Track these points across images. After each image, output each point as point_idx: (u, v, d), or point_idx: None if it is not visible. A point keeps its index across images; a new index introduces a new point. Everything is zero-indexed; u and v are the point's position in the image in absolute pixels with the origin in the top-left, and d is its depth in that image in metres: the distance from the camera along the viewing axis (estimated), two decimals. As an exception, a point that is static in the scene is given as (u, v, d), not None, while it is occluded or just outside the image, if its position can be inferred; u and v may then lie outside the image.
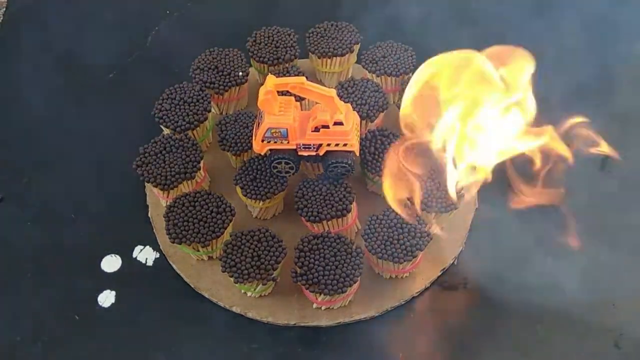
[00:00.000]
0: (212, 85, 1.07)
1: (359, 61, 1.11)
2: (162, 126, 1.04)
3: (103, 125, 1.15)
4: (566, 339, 0.91)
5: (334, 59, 1.11)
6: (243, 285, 0.91)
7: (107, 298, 0.96)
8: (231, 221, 0.95)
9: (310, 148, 0.95)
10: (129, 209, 1.04)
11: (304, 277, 0.88)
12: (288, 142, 0.94)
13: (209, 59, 1.10)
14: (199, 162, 0.99)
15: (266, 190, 0.97)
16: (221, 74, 1.08)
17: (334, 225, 0.95)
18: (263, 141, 0.94)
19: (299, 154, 0.96)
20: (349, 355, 0.91)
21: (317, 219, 0.94)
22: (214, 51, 1.11)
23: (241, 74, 1.08)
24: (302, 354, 0.91)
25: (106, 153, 1.11)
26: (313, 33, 1.12)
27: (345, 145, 0.94)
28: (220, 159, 1.07)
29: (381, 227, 0.92)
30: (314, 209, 0.94)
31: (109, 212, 1.04)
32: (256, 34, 1.13)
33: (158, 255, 1.00)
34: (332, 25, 1.13)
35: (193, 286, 0.96)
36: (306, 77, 0.93)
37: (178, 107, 1.04)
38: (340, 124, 0.92)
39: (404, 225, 0.91)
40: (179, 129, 1.02)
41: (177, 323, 0.94)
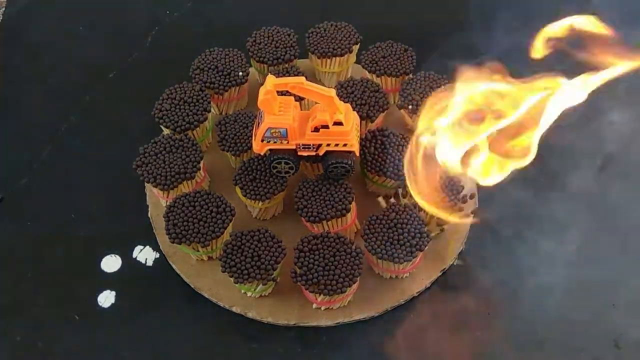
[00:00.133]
0: (212, 85, 1.07)
1: (359, 61, 1.11)
2: (162, 126, 1.04)
3: (103, 125, 1.15)
4: (566, 339, 0.92)
5: (334, 59, 1.11)
6: (243, 285, 0.91)
7: (107, 298, 0.96)
8: (231, 221, 0.95)
9: (310, 148, 0.95)
10: (129, 209, 1.04)
11: (304, 277, 0.88)
12: (288, 142, 0.94)
13: (209, 59, 1.10)
14: (198, 162, 0.99)
15: (266, 190, 0.97)
16: (221, 74, 1.08)
17: (333, 225, 0.95)
18: (263, 141, 0.94)
19: (299, 154, 0.96)
20: (349, 355, 0.91)
21: (317, 219, 0.94)
22: (214, 51, 1.11)
23: (241, 74, 1.08)
24: (302, 354, 0.91)
25: (106, 153, 1.11)
26: (313, 33, 1.12)
27: (345, 145, 0.94)
28: (220, 159, 1.07)
29: (381, 227, 0.92)
30: (313, 209, 0.94)
31: (109, 212, 1.04)
32: (256, 34, 1.13)
33: (158, 255, 1.00)
34: (332, 25, 1.13)
35: (193, 286, 0.96)
36: (306, 77, 0.93)
37: (178, 107, 1.04)
38: (340, 124, 0.92)
39: (404, 226, 0.91)
40: (179, 129, 1.02)
41: (177, 323, 0.94)
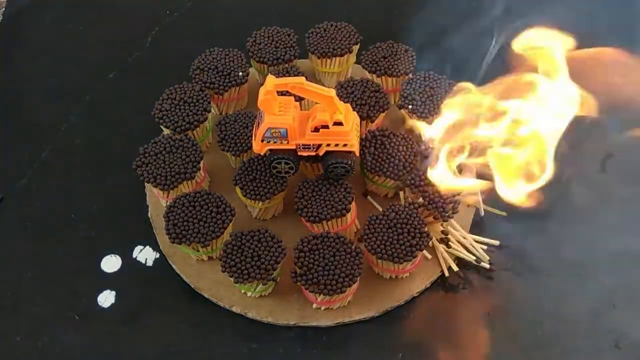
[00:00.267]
0: (212, 86, 1.07)
1: (359, 61, 1.11)
2: (162, 126, 1.04)
3: (103, 125, 1.15)
4: (566, 339, 0.92)
5: (334, 59, 1.11)
6: (243, 285, 0.91)
7: (107, 298, 0.96)
8: (231, 221, 0.95)
9: (310, 148, 0.95)
10: (129, 209, 1.04)
11: (304, 277, 0.88)
12: (288, 142, 0.94)
13: (209, 59, 1.10)
14: (198, 163, 0.99)
15: (266, 190, 0.97)
16: (221, 74, 1.08)
17: (333, 225, 0.95)
18: (263, 141, 0.94)
19: (299, 154, 0.96)
20: (349, 355, 0.91)
21: (317, 219, 0.94)
22: (214, 51, 1.11)
23: (241, 74, 1.08)
24: (302, 354, 0.91)
25: (106, 153, 1.11)
26: (313, 33, 1.12)
27: (345, 145, 0.94)
28: (220, 159, 1.07)
29: (381, 227, 0.92)
30: (313, 209, 0.94)
31: (109, 212, 1.04)
32: (256, 34, 1.13)
33: (158, 255, 1.00)
34: (332, 26, 1.13)
35: (193, 286, 0.96)
36: (306, 77, 0.93)
37: (178, 107, 1.04)
38: (339, 124, 0.92)
39: (403, 225, 0.91)
40: (179, 129, 1.02)
41: (177, 323, 0.94)
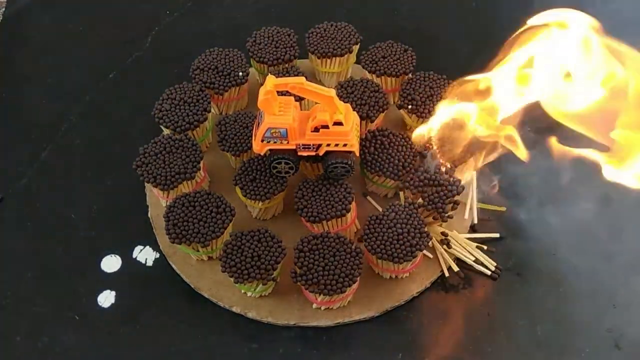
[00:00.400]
0: (212, 86, 1.07)
1: (359, 61, 1.11)
2: (162, 126, 1.04)
3: (103, 125, 1.15)
4: (566, 338, 0.92)
5: (334, 59, 1.11)
6: (243, 285, 0.91)
7: (107, 298, 0.96)
8: (231, 221, 0.95)
9: (310, 148, 0.95)
10: (129, 209, 1.04)
11: (304, 277, 0.88)
12: (288, 142, 0.94)
13: (209, 59, 1.10)
14: (198, 163, 0.99)
15: (266, 190, 0.97)
16: (221, 74, 1.08)
17: (333, 225, 0.95)
18: (263, 141, 0.94)
19: (299, 154, 0.96)
20: (349, 355, 0.91)
21: (317, 219, 0.94)
22: (214, 51, 1.11)
23: (241, 74, 1.08)
24: (302, 354, 0.91)
25: (106, 153, 1.11)
26: (313, 33, 1.12)
27: (345, 145, 0.94)
28: (220, 159, 1.07)
29: (381, 227, 0.92)
30: (313, 209, 0.94)
31: (109, 212, 1.04)
32: (256, 34, 1.13)
33: (158, 255, 1.00)
34: (332, 26, 1.13)
35: (193, 286, 0.96)
36: (306, 77, 0.93)
37: (178, 107, 1.04)
38: (339, 124, 0.92)
39: (403, 225, 0.91)
40: (179, 129, 1.02)
41: (177, 323, 0.94)
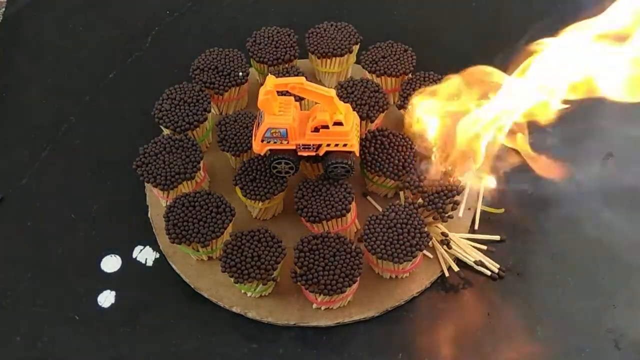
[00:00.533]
0: (212, 86, 1.07)
1: (359, 61, 1.11)
2: (162, 126, 1.04)
3: (103, 125, 1.15)
4: (566, 339, 0.92)
5: (334, 59, 1.11)
6: (243, 285, 0.91)
7: (107, 298, 0.96)
8: (231, 221, 0.95)
9: (310, 148, 0.95)
10: (129, 209, 1.04)
11: (304, 277, 0.88)
12: (288, 143, 0.94)
13: (209, 59, 1.10)
14: (198, 163, 0.99)
15: (266, 190, 0.97)
16: (221, 74, 1.08)
17: (333, 225, 0.95)
18: (263, 141, 0.94)
19: (299, 154, 0.96)
20: (349, 355, 0.91)
21: (317, 219, 0.94)
22: (214, 51, 1.11)
23: (241, 74, 1.08)
24: (302, 354, 0.91)
25: (106, 153, 1.11)
26: (313, 33, 1.12)
27: (345, 145, 0.94)
28: (220, 159, 1.07)
29: (381, 227, 0.92)
30: (313, 209, 0.94)
31: (109, 212, 1.04)
32: (256, 34, 1.13)
33: (158, 255, 1.00)
34: (332, 26, 1.13)
35: (193, 286, 0.96)
36: (306, 77, 0.93)
37: (178, 107, 1.04)
38: (339, 124, 0.92)
39: (403, 225, 0.91)
40: (179, 129, 1.02)
41: (177, 323, 0.94)
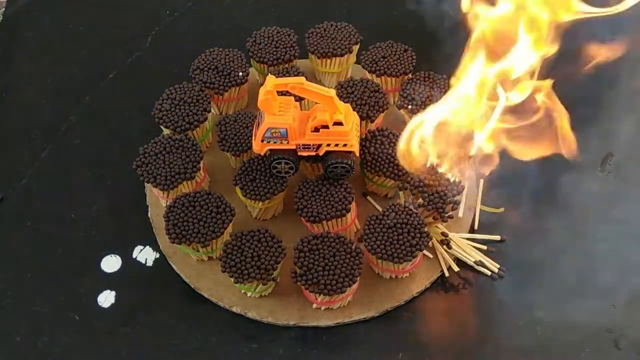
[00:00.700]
0: (212, 86, 1.07)
1: (359, 61, 1.11)
2: (162, 126, 1.04)
3: (103, 125, 1.15)
4: (566, 339, 0.92)
5: (334, 59, 1.11)
6: (243, 286, 0.91)
7: (107, 298, 0.96)
8: (231, 221, 0.95)
9: (310, 148, 0.95)
10: (129, 209, 1.04)
11: (304, 277, 0.88)
12: (288, 142, 0.94)
13: (209, 59, 1.10)
14: (198, 163, 0.99)
15: (266, 190, 0.97)
16: (221, 74, 1.08)
17: (333, 225, 0.95)
18: (263, 141, 0.94)
19: (299, 154, 0.96)
20: (349, 355, 0.91)
21: (317, 219, 0.94)
22: (214, 51, 1.11)
23: (241, 74, 1.08)
24: (302, 354, 0.91)
25: (106, 153, 1.11)
26: (313, 33, 1.12)
27: (345, 145, 0.94)
28: (220, 159, 1.07)
29: (381, 227, 0.92)
30: (313, 209, 0.94)
31: (109, 212, 1.04)
32: (256, 34, 1.13)
33: (158, 255, 1.00)
34: (332, 26, 1.13)
35: (193, 286, 0.96)
36: (306, 77, 0.93)
37: (178, 107, 1.04)
38: (339, 124, 0.92)
39: (403, 225, 0.91)
40: (179, 129, 1.02)
41: (177, 323, 0.94)
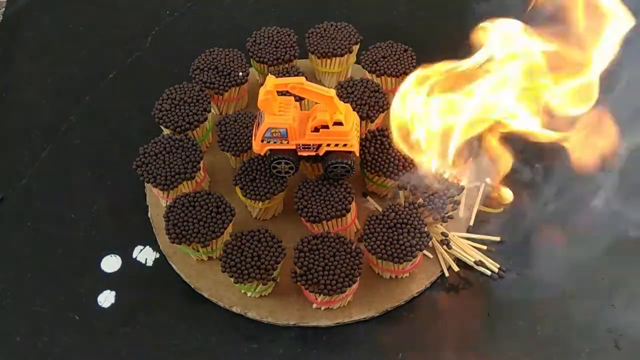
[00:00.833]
0: (212, 86, 1.07)
1: (359, 61, 1.11)
2: (162, 126, 1.04)
3: (103, 125, 1.15)
4: (566, 339, 0.92)
5: (334, 59, 1.11)
6: (243, 285, 0.91)
7: (107, 298, 0.96)
8: (231, 221, 0.95)
9: (310, 148, 0.95)
10: (129, 209, 1.04)
11: (304, 277, 0.88)
12: (288, 142, 0.94)
13: (209, 59, 1.10)
14: (198, 163, 0.99)
15: (266, 190, 0.97)
16: (221, 74, 1.08)
17: (333, 225, 0.95)
18: (263, 141, 0.94)
19: (299, 154, 0.96)
20: (349, 355, 0.91)
21: (317, 219, 0.94)
22: (214, 51, 1.11)
23: (241, 74, 1.08)
24: (302, 354, 0.91)
25: (106, 153, 1.11)
26: (313, 33, 1.12)
27: (345, 145, 0.94)
28: (220, 159, 1.07)
29: (381, 227, 0.92)
30: (313, 209, 0.94)
31: (109, 212, 1.04)
32: (256, 34, 1.13)
33: (158, 255, 1.00)
34: (332, 26, 1.13)
35: (193, 286, 0.96)
36: (306, 77, 0.93)
37: (178, 107, 1.04)
38: (339, 124, 0.92)
39: (403, 225, 0.91)
40: (179, 129, 1.02)
41: (177, 323, 0.94)
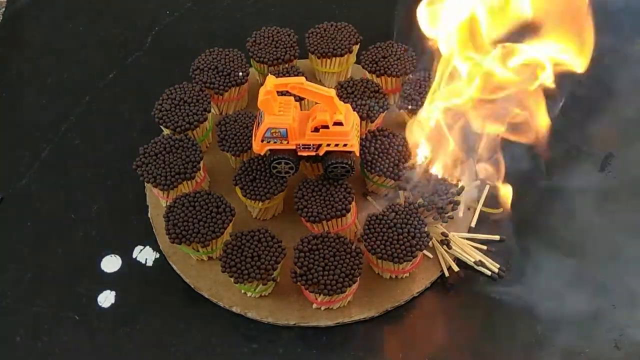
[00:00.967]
0: (212, 86, 1.07)
1: (359, 61, 1.11)
2: (162, 126, 1.04)
3: (103, 125, 1.15)
4: (566, 339, 0.92)
5: (334, 59, 1.11)
6: (243, 286, 0.91)
7: (107, 298, 0.96)
8: (231, 221, 0.95)
9: (310, 148, 0.95)
10: (129, 209, 1.04)
11: (304, 277, 0.88)
12: (288, 143, 0.94)
13: (209, 59, 1.10)
14: (198, 163, 0.99)
15: (266, 190, 0.97)
16: (221, 74, 1.08)
17: (333, 225, 0.95)
18: (263, 141, 0.94)
19: (299, 154, 0.96)
20: (349, 355, 0.91)
21: (317, 219, 0.94)
22: (214, 51, 1.11)
23: (241, 74, 1.08)
24: (302, 354, 0.91)
25: (106, 153, 1.11)
26: (313, 33, 1.12)
27: (345, 145, 0.94)
28: (220, 159, 1.07)
29: (381, 227, 0.92)
30: (313, 209, 0.94)
31: (109, 212, 1.04)
32: (256, 34, 1.13)
33: (158, 255, 1.00)
34: (332, 26, 1.13)
35: (193, 286, 0.96)
36: (306, 77, 0.93)
37: (178, 107, 1.04)
38: (339, 124, 0.92)
39: (403, 225, 0.91)
40: (179, 129, 1.02)
41: (177, 323, 0.94)
